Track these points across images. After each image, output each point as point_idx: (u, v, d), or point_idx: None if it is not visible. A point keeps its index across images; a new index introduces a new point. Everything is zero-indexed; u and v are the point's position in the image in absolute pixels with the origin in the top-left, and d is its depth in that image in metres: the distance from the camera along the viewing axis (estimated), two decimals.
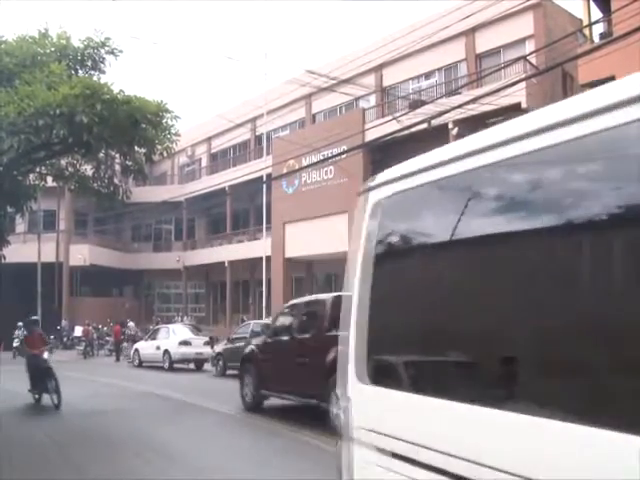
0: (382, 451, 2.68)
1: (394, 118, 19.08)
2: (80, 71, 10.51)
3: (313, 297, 12.56)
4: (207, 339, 22.67)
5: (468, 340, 2.41)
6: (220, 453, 8.36)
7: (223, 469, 7.37)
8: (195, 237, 41.44)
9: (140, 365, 23.26)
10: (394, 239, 3.03)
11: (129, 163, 10.89)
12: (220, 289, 39.28)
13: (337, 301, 10.04)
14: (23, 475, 7.22)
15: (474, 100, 14.89)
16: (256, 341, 12.90)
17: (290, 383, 10.56)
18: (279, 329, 11.97)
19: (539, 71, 18.61)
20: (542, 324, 2.08)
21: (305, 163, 25.62)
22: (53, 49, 10.33)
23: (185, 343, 21.60)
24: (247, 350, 12.75)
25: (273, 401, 11.60)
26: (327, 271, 32.32)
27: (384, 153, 26.03)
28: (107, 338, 30.75)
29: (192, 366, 22.02)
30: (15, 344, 30.83)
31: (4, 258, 12.00)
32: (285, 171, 25.85)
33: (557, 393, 2.03)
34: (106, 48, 10.48)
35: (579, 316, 1.96)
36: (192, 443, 8.79)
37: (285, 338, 11.30)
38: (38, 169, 11.72)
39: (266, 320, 24.65)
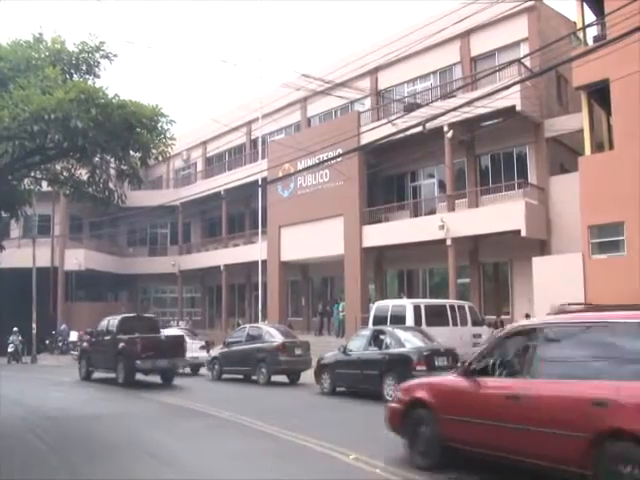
0: None
1: (389, 121, 19.12)
2: (75, 75, 10.44)
3: (113, 316, 19.42)
4: (203, 343, 22.62)
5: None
6: (213, 455, 8.35)
7: (216, 470, 7.38)
8: (191, 241, 41.37)
9: None
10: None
11: (124, 167, 10.82)
12: (216, 293, 39.23)
13: (125, 319, 18.84)
14: (20, 479, 7.20)
15: (469, 103, 14.89)
16: (87, 341, 20.43)
17: (102, 363, 18.69)
18: (98, 333, 19.30)
19: (533, 74, 18.68)
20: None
21: (301, 166, 25.64)
22: (47, 53, 10.25)
23: None
24: (82, 346, 20.97)
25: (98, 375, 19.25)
26: (323, 274, 32.35)
27: (380, 156, 26.13)
28: None
29: (188, 370, 21.97)
30: (10, 349, 30.72)
31: None
32: (281, 174, 25.86)
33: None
34: (101, 52, 10.41)
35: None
36: (186, 446, 8.77)
37: (100, 338, 18.98)
38: (33, 174, 11.67)
39: (261, 323, 24.67)
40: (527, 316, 19.96)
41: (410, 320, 17.28)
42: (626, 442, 5.28)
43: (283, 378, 17.89)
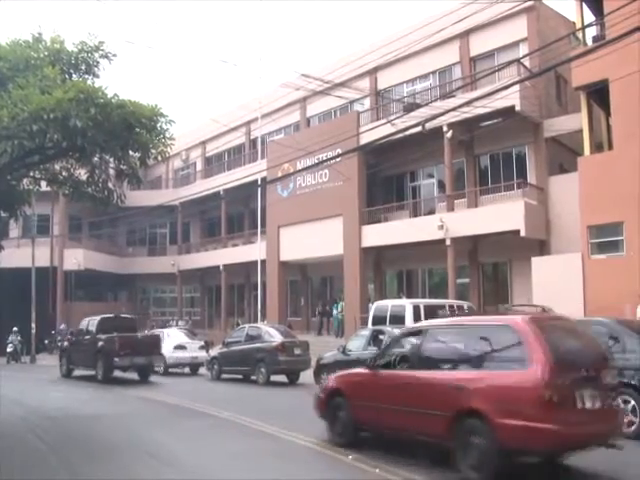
0: None
1: (389, 121, 19.11)
2: (74, 75, 10.43)
3: (92, 317, 20.45)
4: (202, 343, 22.63)
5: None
6: (213, 455, 8.35)
7: (215, 470, 7.39)
8: (190, 241, 41.36)
9: None
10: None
11: (123, 167, 10.82)
12: (215, 293, 39.22)
13: (104, 320, 19.85)
14: (20, 478, 7.21)
15: (468, 103, 14.90)
16: (67, 341, 22.00)
17: (82, 361, 20.03)
18: (77, 334, 20.85)
19: (533, 74, 18.70)
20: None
21: (300, 166, 25.64)
22: (47, 53, 10.24)
23: (180, 347, 21.55)
24: (63, 345, 22.42)
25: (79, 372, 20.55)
26: (322, 274, 32.34)
27: (379, 156, 26.13)
28: None
29: (187, 370, 21.98)
30: (9, 349, 30.70)
31: None
32: (280, 174, 25.86)
33: None
34: (100, 52, 10.39)
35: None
36: (186, 446, 8.77)
37: (80, 338, 20.34)
38: (32, 173, 11.66)
39: (261, 323, 24.65)
40: None
41: (409, 320, 17.25)
42: (475, 418, 6.73)
43: (282, 378, 17.89)
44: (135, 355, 18.36)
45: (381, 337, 14.18)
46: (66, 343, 21.84)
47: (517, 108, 21.25)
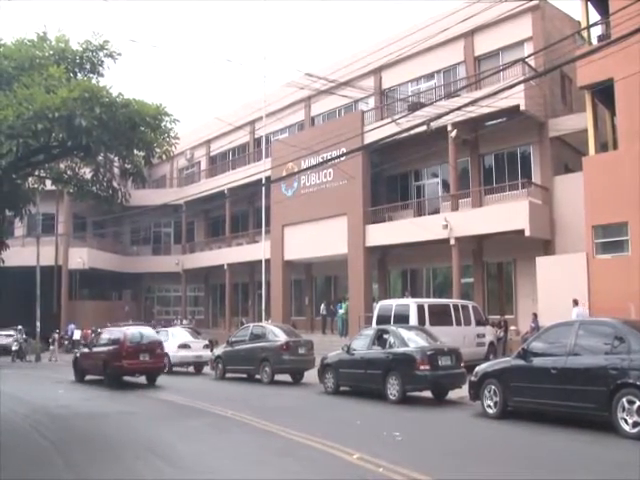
0: None
1: (393, 120, 19.13)
2: (79, 74, 10.42)
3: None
4: (206, 342, 22.65)
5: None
6: (216, 454, 8.36)
7: (219, 469, 7.39)
8: (194, 240, 41.43)
9: None
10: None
11: (128, 166, 10.83)
12: (219, 292, 39.28)
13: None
14: (23, 477, 7.22)
15: (473, 102, 14.88)
16: None
17: None
18: None
19: (538, 73, 18.66)
20: None
21: (304, 166, 25.64)
22: (52, 52, 10.22)
23: (184, 346, 21.58)
24: None
25: None
26: (326, 273, 32.35)
27: (383, 155, 26.13)
28: None
29: (191, 369, 22.01)
30: (14, 347, 30.78)
31: (3, 262, 11.96)
32: (284, 174, 25.87)
33: None
34: (105, 51, 10.38)
35: None
36: (189, 444, 8.79)
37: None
38: (37, 172, 11.68)
39: (265, 322, 24.67)
40: (535, 315, 19.97)
41: (414, 319, 17.26)
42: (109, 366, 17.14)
43: (287, 377, 17.89)
44: None
45: (385, 336, 14.16)
46: None
47: (522, 107, 21.21)
